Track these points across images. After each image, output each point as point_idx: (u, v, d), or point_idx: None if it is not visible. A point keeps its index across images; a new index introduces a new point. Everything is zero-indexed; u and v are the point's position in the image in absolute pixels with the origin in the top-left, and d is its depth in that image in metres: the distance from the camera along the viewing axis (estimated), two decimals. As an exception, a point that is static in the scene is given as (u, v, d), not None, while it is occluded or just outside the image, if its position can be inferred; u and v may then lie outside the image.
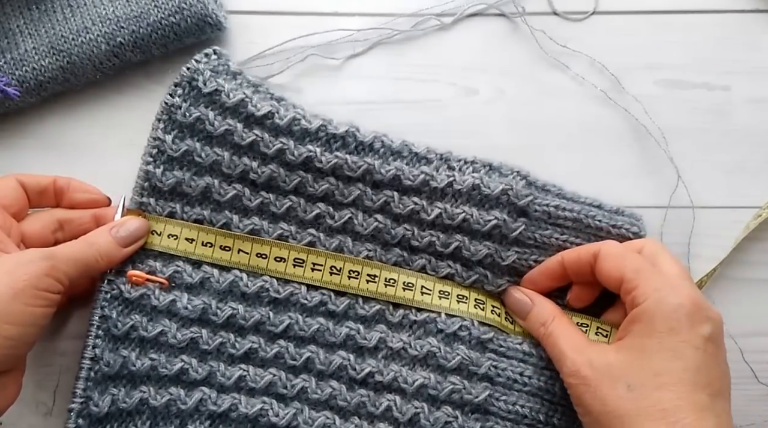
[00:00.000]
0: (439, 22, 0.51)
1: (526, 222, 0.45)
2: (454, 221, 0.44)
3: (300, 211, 0.45)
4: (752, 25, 0.51)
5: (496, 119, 0.50)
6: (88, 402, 0.41)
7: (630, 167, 0.49)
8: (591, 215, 0.45)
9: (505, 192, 0.44)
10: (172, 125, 0.44)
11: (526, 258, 0.45)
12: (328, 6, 0.51)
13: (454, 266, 0.45)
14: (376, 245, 0.45)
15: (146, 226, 0.43)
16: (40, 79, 0.47)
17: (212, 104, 0.44)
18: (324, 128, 0.44)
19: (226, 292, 0.44)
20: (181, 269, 0.43)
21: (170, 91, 0.44)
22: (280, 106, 0.44)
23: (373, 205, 0.45)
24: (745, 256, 0.48)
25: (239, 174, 0.44)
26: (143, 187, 0.44)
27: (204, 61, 0.44)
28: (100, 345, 0.41)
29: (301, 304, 0.44)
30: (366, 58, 0.51)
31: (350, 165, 0.44)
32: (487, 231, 0.44)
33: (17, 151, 0.49)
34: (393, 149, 0.45)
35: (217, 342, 0.43)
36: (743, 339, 0.47)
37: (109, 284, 0.42)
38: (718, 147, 0.50)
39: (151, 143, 0.44)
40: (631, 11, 0.51)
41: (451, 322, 0.44)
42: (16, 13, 0.47)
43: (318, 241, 0.45)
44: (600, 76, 0.50)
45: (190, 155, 0.44)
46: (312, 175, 0.44)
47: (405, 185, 0.44)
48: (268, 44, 0.49)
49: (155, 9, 0.47)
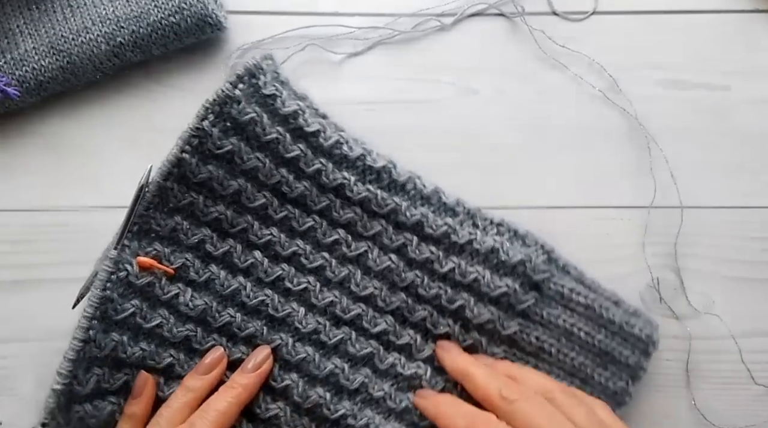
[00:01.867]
0: (440, 22, 0.51)
1: (537, 297, 0.44)
2: (464, 279, 0.43)
3: (320, 233, 0.44)
4: (752, 25, 0.51)
5: (496, 119, 0.50)
6: (72, 383, 0.40)
7: (630, 167, 0.49)
8: (605, 307, 0.44)
9: (523, 263, 0.43)
10: (223, 118, 0.41)
11: (528, 333, 0.44)
12: (328, 6, 0.51)
13: (453, 326, 0.44)
14: (384, 284, 0.45)
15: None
16: (40, 79, 0.47)
17: (265, 107, 0.43)
18: (363, 158, 0.44)
19: (228, 297, 0.44)
20: (189, 263, 0.43)
21: (232, 81, 0.41)
22: (326, 125, 0.44)
23: (390, 244, 0.44)
24: (745, 256, 0.48)
25: (273, 184, 0.43)
26: (170, 172, 0.42)
27: (266, 63, 0.43)
28: (95, 327, 0.40)
29: (296, 328, 0.44)
30: (366, 58, 0.51)
31: (378, 201, 0.44)
32: (495, 297, 0.43)
33: (17, 151, 0.49)
34: (423, 193, 0.45)
35: (208, 344, 0.43)
36: (742, 339, 0.47)
37: (116, 264, 0.41)
38: (718, 147, 0.50)
39: (192, 132, 0.41)
40: (631, 11, 0.51)
41: (435, 382, 0.44)
42: (16, 13, 0.47)
43: (329, 266, 0.44)
44: (599, 76, 0.50)
45: (231, 155, 0.42)
46: (340, 201, 0.44)
47: (426, 232, 0.44)
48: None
49: (155, 9, 0.47)
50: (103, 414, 0.41)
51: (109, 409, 0.41)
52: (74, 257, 0.45)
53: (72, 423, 0.41)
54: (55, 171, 0.48)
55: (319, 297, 0.44)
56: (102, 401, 0.41)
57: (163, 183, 0.42)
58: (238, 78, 0.41)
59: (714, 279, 0.48)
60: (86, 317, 0.40)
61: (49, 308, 0.46)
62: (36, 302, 0.47)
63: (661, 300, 0.47)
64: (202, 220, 0.43)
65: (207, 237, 0.43)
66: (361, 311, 0.44)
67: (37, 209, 0.48)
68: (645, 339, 0.44)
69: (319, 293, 0.44)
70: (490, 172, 0.49)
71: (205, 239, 0.43)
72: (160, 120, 0.49)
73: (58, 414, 0.40)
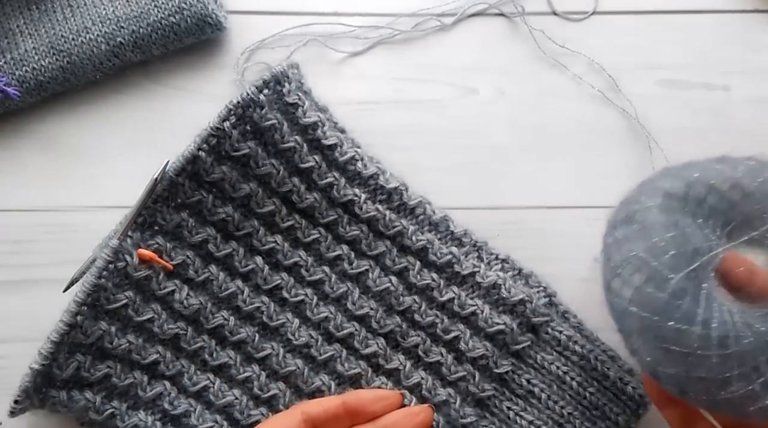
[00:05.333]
0: (440, 22, 0.51)
1: (533, 339, 0.43)
2: (463, 311, 0.43)
3: (323, 246, 0.44)
4: (752, 25, 0.51)
5: (496, 119, 0.50)
6: (51, 365, 0.39)
7: (630, 167, 0.49)
8: (601, 360, 0.43)
9: (524, 303, 0.43)
10: (244, 121, 0.42)
11: (520, 374, 0.43)
12: (328, 6, 0.51)
13: (446, 356, 0.43)
14: (380, 305, 0.44)
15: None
16: (40, 79, 0.47)
17: (286, 115, 0.43)
18: (376, 177, 0.44)
19: (224, 300, 0.43)
20: (189, 261, 0.43)
21: (258, 86, 0.41)
22: (344, 139, 0.44)
23: (392, 266, 0.44)
24: (744, 256, 0.48)
25: (284, 192, 0.44)
26: (184, 168, 0.41)
27: (292, 71, 0.43)
28: (84, 313, 0.40)
29: (288, 339, 0.44)
30: (366, 58, 0.51)
31: (386, 222, 0.44)
32: (491, 333, 0.43)
33: (17, 151, 0.49)
34: (432, 220, 0.45)
35: (197, 345, 0.43)
36: (743, 339, 0.47)
37: (116, 254, 0.41)
38: (718, 147, 0.49)
39: (212, 131, 0.41)
40: (631, 11, 0.51)
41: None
42: (16, 13, 0.47)
43: (328, 281, 0.44)
44: (599, 76, 0.50)
45: (246, 158, 0.42)
46: (348, 217, 0.44)
47: (430, 259, 0.44)
48: (268, 44, 0.49)
49: (155, 9, 0.47)
50: (75, 407, 0.41)
51: (83, 404, 0.40)
52: (74, 257, 0.45)
53: (46, 406, 0.40)
54: (55, 171, 0.48)
55: (315, 311, 0.44)
56: (78, 393, 0.41)
57: (176, 178, 0.42)
58: (264, 83, 0.42)
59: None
60: (77, 302, 0.40)
61: (49, 308, 0.46)
62: (36, 302, 0.47)
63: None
64: (208, 219, 0.43)
65: (211, 237, 0.43)
66: (354, 330, 0.44)
67: (37, 209, 0.48)
68: (637, 398, 0.43)
69: (314, 307, 0.44)
70: (490, 172, 0.49)
71: (208, 239, 0.43)
72: (160, 120, 0.49)
73: (33, 394, 0.39)
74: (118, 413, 0.41)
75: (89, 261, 0.42)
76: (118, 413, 0.41)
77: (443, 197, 0.47)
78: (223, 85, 0.50)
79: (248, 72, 0.50)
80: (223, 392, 0.43)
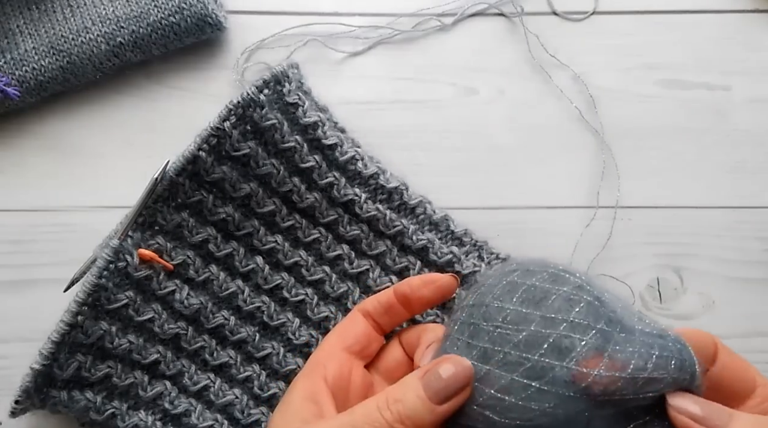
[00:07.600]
0: (440, 22, 0.51)
1: None
2: None
3: (324, 246, 0.44)
4: (752, 25, 0.51)
5: (496, 119, 0.50)
6: (52, 365, 0.39)
7: (630, 167, 0.49)
8: None
9: None
10: (244, 121, 0.41)
11: None
12: (328, 6, 0.51)
13: None
14: None
15: (467, 373, 0.33)
16: (40, 79, 0.47)
17: (286, 115, 0.43)
18: (376, 176, 0.44)
19: (224, 299, 0.44)
20: (190, 261, 0.43)
21: (258, 85, 0.41)
22: (344, 139, 0.44)
23: (393, 266, 0.44)
24: (745, 256, 0.48)
25: (284, 192, 0.44)
26: (184, 168, 0.41)
27: (292, 71, 0.43)
28: (84, 313, 0.40)
29: (288, 338, 0.44)
30: (366, 58, 0.51)
31: (386, 222, 0.44)
32: None
33: (17, 151, 0.49)
34: (432, 219, 0.45)
35: (197, 345, 0.43)
36: (743, 339, 0.47)
37: (116, 254, 0.41)
38: (718, 147, 0.50)
39: (212, 131, 0.41)
40: (631, 11, 0.51)
41: None
42: (16, 13, 0.47)
43: (328, 281, 0.44)
44: (598, 76, 0.50)
45: (247, 158, 0.42)
46: (348, 217, 0.44)
47: (430, 258, 0.44)
48: (268, 44, 0.49)
49: (155, 9, 0.47)
50: (76, 407, 0.41)
51: (83, 404, 0.41)
52: (74, 257, 0.45)
53: (46, 406, 0.40)
54: (55, 171, 0.48)
55: (315, 311, 0.44)
56: (79, 393, 0.41)
57: (176, 178, 0.42)
58: (264, 83, 0.42)
59: (714, 279, 0.48)
60: (77, 302, 0.40)
61: (49, 308, 0.46)
62: (36, 302, 0.47)
63: (661, 300, 0.47)
64: (208, 219, 0.43)
65: (211, 237, 0.43)
66: None
67: (37, 209, 0.48)
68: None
69: (315, 307, 0.44)
70: (490, 172, 0.49)
71: (209, 239, 0.43)
72: (160, 120, 0.49)
73: (33, 395, 0.39)
74: (119, 413, 0.41)
75: (90, 261, 0.42)
76: (118, 413, 0.41)
77: (443, 196, 0.47)
78: (223, 85, 0.50)
79: (248, 72, 0.50)
80: (223, 391, 0.43)
